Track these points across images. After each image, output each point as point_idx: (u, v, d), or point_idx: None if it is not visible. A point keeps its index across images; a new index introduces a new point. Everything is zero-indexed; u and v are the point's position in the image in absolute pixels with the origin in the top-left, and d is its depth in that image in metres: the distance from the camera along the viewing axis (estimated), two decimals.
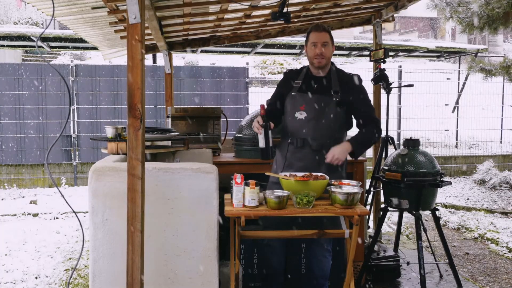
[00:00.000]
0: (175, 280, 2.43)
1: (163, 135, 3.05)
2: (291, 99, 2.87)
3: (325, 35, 2.79)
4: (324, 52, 2.78)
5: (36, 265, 4.12)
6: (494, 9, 5.77)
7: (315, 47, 2.78)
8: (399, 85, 9.37)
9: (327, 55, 2.79)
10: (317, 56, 2.78)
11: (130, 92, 2.08)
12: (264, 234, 2.86)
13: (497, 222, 5.65)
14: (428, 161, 3.02)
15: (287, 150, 2.86)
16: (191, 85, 8.64)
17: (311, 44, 2.81)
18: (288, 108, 2.88)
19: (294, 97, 2.85)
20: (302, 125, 2.80)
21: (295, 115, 2.82)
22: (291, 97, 2.87)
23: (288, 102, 2.88)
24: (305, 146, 2.80)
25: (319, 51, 2.77)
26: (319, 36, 2.78)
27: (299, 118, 2.81)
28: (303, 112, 2.79)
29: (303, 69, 2.94)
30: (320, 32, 2.79)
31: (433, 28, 28.28)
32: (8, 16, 17.18)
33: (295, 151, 2.83)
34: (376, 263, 3.42)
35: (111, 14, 3.06)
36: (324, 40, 2.78)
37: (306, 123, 2.79)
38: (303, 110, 2.80)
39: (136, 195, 2.09)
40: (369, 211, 4.15)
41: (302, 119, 2.80)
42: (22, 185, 8.16)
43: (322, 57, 2.78)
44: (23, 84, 8.08)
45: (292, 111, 2.85)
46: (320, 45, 2.77)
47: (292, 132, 2.85)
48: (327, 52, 2.80)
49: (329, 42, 2.80)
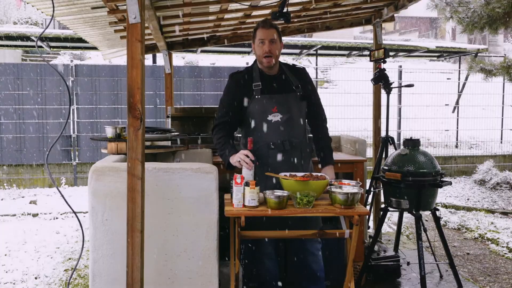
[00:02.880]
0: (175, 280, 2.43)
1: (163, 135, 3.05)
2: (257, 102, 2.74)
3: (272, 31, 2.71)
4: (272, 49, 2.70)
5: (36, 265, 4.11)
6: (495, 9, 5.78)
7: (262, 44, 2.70)
8: (399, 85, 9.37)
9: (275, 53, 2.73)
10: (266, 55, 2.69)
11: (130, 92, 2.08)
12: (264, 234, 2.85)
13: (497, 222, 5.65)
14: (428, 161, 3.01)
15: (268, 156, 2.75)
16: (191, 85, 8.64)
17: (258, 41, 2.72)
18: (255, 112, 2.74)
19: (259, 100, 2.74)
20: (279, 127, 2.73)
21: (268, 118, 2.73)
22: (256, 100, 2.74)
23: (253, 106, 2.74)
24: (290, 146, 2.75)
25: (267, 49, 2.69)
26: (266, 33, 2.70)
27: (274, 120, 2.72)
28: (277, 114, 2.73)
29: (252, 70, 2.83)
30: (267, 29, 2.71)
31: (433, 28, 28.28)
32: (7, 16, 17.19)
33: (280, 154, 2.75)
34: (376, 263, 3.42)
35: (111, 14, 3.06)
36: (272, 37, 2.70)
37: (283, 124, 2.73)
38: (276, 111, 2.72)
39: (136, 195, 2.09)
40: (369, 211, 4.14)
41: (278, 120, 2.72)
42: (22, 185, 8.16)
43: (270, 56, 2.70)
44: (23, 84, 8.08)
45: (262, 114, 2.73)
46: (268, 42, 2.70)
47: (270, 136, 2.74)
48: (275, 49, 2.73)
49: (276, 39, 2.73)
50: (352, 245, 2.58)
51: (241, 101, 2.76)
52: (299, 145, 2.80)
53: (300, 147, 2.81)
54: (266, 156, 2.75)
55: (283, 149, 2.75)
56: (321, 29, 4.60)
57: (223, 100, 2.82)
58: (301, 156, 2.81)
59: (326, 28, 4.59)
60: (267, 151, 2.75)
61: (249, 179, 2.45)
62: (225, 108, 2.79)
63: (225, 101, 2.81)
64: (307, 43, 9.72)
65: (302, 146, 2.82)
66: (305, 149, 2.87)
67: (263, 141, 2.75)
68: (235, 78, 2.82)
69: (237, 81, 2.80)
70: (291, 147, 2.76)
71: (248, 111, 2.76)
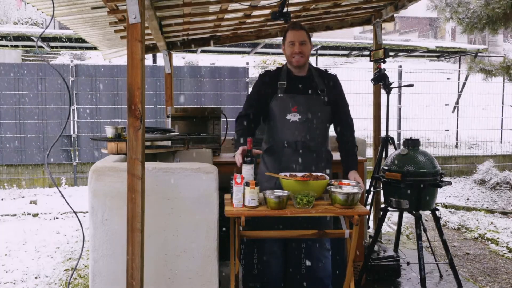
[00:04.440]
0: (175, 280, 2.43)
1: (163, 135, 3.05)
2: (279, 101, 2.79)
3: (302, 33, 2.76)
4: (302, 50, 2.75)
5: (36, 265, 4.11)
6: (494, 9, 5.78)
7: (293, 45, 2.75)
8: (399, 85, 9.37)
9: (305, 53, 2.77)
10: (295, 54, 2.75)
11: (130, 92, 2.08)
12: (264, 234, 2.85)
13: (497, 222, 5.65)
14: (428, 161, 3.02)
15: (282, 154, 2.79)
16: (191, 85, 8.64)
17: (288, 43, 2.77)
18: (276, 110, 2.80)
19: (282, 98, 2.78)
20: (296, 127, 2.75)
21: (286, 117, 2.76)
22: (278, 98, 2.79)
23: (275, 104, 2.79)
24: (304, 148, 2.76)
25: (297, 50, 2.74)
26: (297, 35, 2.75)
27: (292, 120, 2.75)
28: (296, 114, 2.75)
29: (281, 70, 2.88)
30: (297, 31, 2.76)
31: (433, 28, 28.29)
32: (8, 16, 17.19)
33: (292, 154, 2.77)
34: (376, 263, 3.42)
35: (111, 14, 3.06)
36: (302, 39, 2.75)
37: (301, 124, 2.75)
38: (296, 111, 2.75)
39: (136, 195, 2.09)
40: (369, 211, 4.15)
41: (296, 120, 2.75)
42: (22, 185, 8.16)
43: (300, 56, 2.75)
44: (23, 84, 8.07)
45: (282, 113, 2.77)
46: (298, 44, 2.74)
47: (286, 135, 2.78)
48: (305, 50, 2.77)
49: (306, 40, 2.77)
50: (352, 245, 2.58)
51: (266, 98, 2.82)
52: (315, 148, 2.78)
53: (316, 150, 2.79)
54: (280, 154, 2.80)
55: (295, 149, 2.76)
56: (321, 29, 4.60)
57: (249, 95, 2.92)
58: (315, 159, 2.79)
59: (326, 28, 4.59)
60: (281, 149, 2.80)
61: (249, 179, 2.45)
62: (249, 102, 2.88)
63: (250, 96, 2.91)
64: None
65: (318, 150, 2.80)
66: (322, 154, 2.83)
67: (279, 139, 2.80)
68: (263, 76, 2.91)
69: (264, 78, 2.89)
70: (304, 148, 2.76)
71: (270, 108, 2.82)
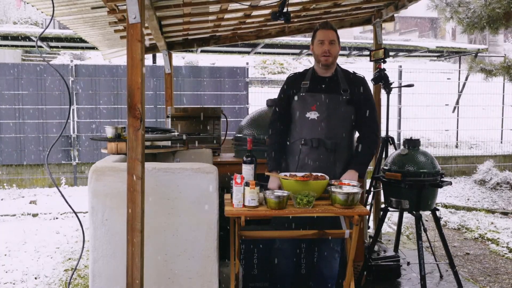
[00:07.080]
0: (175, 280, 2.43)
1: (163, 135, 3.05)
2: (300, 100, 2.83)
3: (332, 33, 2.79)
4: (330, 49, 2.77)
5: (36, 265, 4.11)
6: (495, 9, 5.77)
7: (322, 44, 2.77)
8: (399, 85, 9.36)
9: (334, 53, 2.79)
10: (324, 54, 2.76)
11: (130, 92, 2.08)
12: (264, 234, 2.85)
13: (497, 222, 5.65)
14: (428, 161, 3.01)
15: (299, 152, 2.82)
16: (191, 85, 8.64)
17: (318, 42, 2.79)
18: (297, 108, 2.84)
19: (303, 97, 2.82)
20: (315, 125, 2.77)
21: (306, 115, 2.79)
22: (300, 97, 2.83)
23: (297, 102, 2.84)
24: (320, 146, 2.77)
25: (326, 48, 2.76)
26: (326, 34, 2.78)
27: (311, 118, 2.78)
28: (315, 112, 2.77)
29: (308, 71, 2.92)
30: (327, 30, 2.79)
31: (433, 28, 28.27)
32: (7, 16, 17.18)
33: (309, 152, 2.79)
34: (376, 263, 3.42)
35: (111, 14, 3.06)
36: (331, 38, 2.78)
37: (319, 122, 2.76)
38: (315, 110, 2.77)
39: (136, 195, 2.09)
40: (369, 211, 4.14)
41: (314, 119, 2.77)
42: (22, 185, 8.16)
43: (329, 55, 2.77)
44: (23, 84, 8.07)
45: (302, 111, 2.81)
46: (327, 43, 2.77)
47: (304, 132, 2.81)
48: (334, 50, 2.79)
49: (335, 40, 2.80)
50: (352, 245, 2.58)
51: (290, 97, 2.87)
52: (333, 147, 2.78)
53: (335, 150, 2.78)
54: (297, 152, 2.82)
55: (311, 146, 2.77)
56: None
57: (280, 95, 2.98)
58: (333, 159, 2.79)
59: None
60: (298, 146, 2.82)
61: (249, 179, 2.45)
62: (277, 103, 2.97)
63: (281, 96, 2.97)
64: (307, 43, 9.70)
65: (338, 150, 2.79)
66: (342, 154, 2.81)
67: (298, 136, 2.84)
68: (290, 77, 2.97)
69: (290, 79, 2.96)
70: (321, 145, 2.76)
71: (292, 107, 2.87)
